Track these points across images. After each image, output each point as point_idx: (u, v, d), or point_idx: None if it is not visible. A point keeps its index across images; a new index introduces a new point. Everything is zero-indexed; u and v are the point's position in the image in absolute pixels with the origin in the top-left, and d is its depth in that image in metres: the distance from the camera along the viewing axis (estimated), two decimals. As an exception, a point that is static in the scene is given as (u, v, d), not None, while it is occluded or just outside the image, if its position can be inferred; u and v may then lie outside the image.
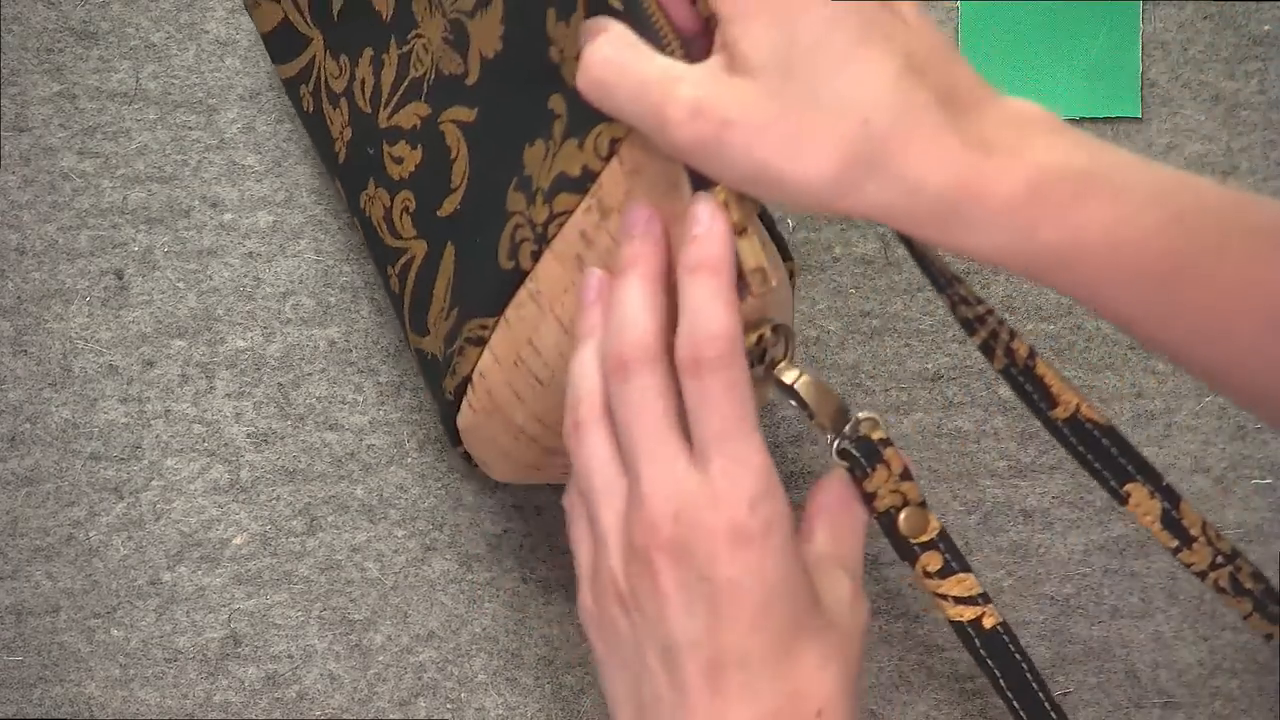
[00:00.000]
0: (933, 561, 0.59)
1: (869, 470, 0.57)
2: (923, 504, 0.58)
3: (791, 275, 0.65)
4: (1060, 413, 0.62)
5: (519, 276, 0.64)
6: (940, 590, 0.59)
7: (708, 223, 0.56)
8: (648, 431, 0.55)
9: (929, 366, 0.76)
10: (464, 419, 0.67)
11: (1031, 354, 0.63)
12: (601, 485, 0.56)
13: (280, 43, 0.75)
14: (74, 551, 0.72)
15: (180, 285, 0.77)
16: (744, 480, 0.53)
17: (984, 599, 0.59)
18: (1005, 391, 0.75)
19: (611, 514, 0.56)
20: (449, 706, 0.70)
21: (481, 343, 0.65)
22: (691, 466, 0.54)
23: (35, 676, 0.70)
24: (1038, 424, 0.75)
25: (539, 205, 0.62)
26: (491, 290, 0.65)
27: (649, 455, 0.55)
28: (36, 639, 0.71)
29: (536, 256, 0.63)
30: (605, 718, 0.70)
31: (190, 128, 0.80)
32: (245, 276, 0.77)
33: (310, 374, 0.76)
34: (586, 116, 0.61)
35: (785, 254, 0.64)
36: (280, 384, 0.75)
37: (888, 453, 0.57)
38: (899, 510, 0.58)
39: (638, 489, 0.55)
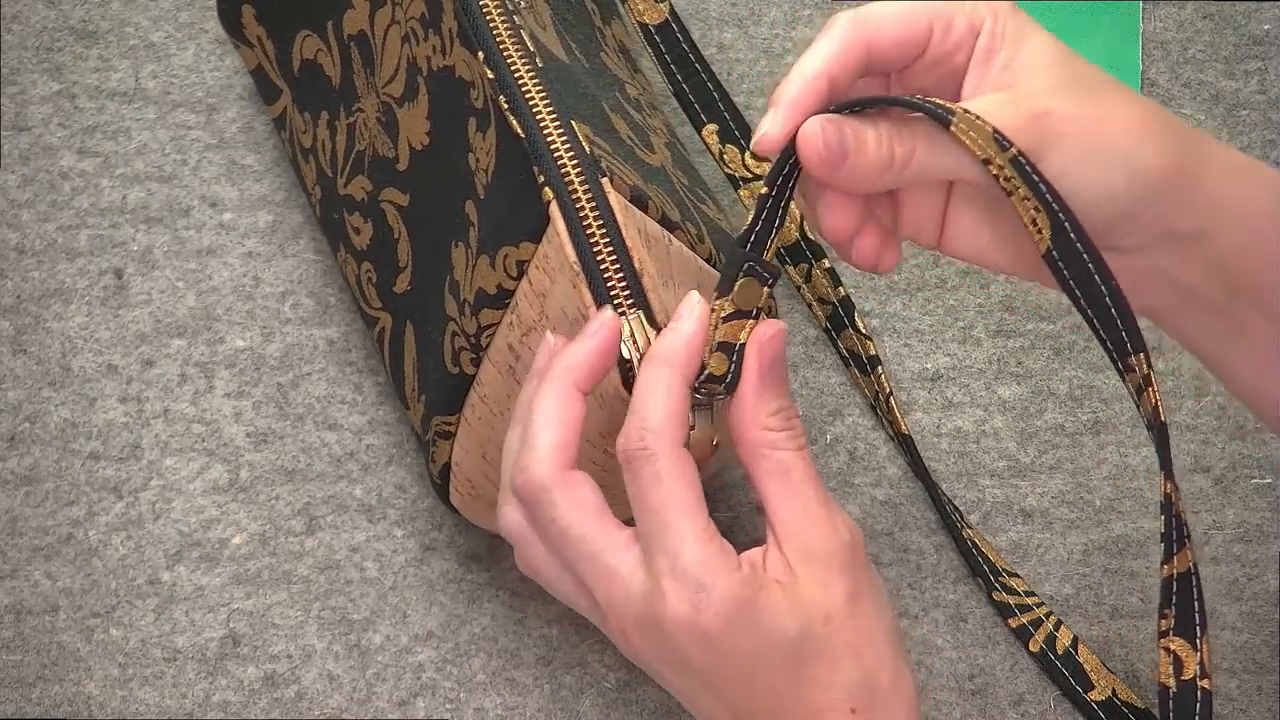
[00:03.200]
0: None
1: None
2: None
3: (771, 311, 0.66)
4: (1096, 695, 0.69)
5: (466, 381, 0.64)
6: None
7: (683, 318, 0.56)
8: (580, 553, 0.56)
9: (929, 366, 0.76)
10: (454, 500, 0.68)
11: (1075, 642, 0.70)
12: (558, 592, 0.58)
13: (261, 84, 0.75)
14: (73, 551, 0.72)
15: (180, 285, 0.77)
16: (684, 579, 0.54)
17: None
18: (1005, 391, 0.75)
19: (589, 613, 0.58)
20: (448, 706, 0.70)
21: (449, 437, 0.66)
22: (639, 565, 0.55)
23: (34, 676, 0.70)
24: (1038, 424, 0.75)
25: (468, 317, 0.63)
26: (446, 389, 0.65)
27: (591, 573, 0.56)
28: (35, 638, 0.71)
29: (477, 364, 0.63)
30: (603, 718, 0.70)
31: (190, 127, 0.80)
32: (245, 276, 0.77)
33: (309, 374, 0.76)
34: (494, 233, 0.61)
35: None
36: (279, 384, 0.75)
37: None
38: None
39: (594, 597, 0.56)
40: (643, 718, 0.70)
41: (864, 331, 0.75)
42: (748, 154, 0.76)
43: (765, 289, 0.56)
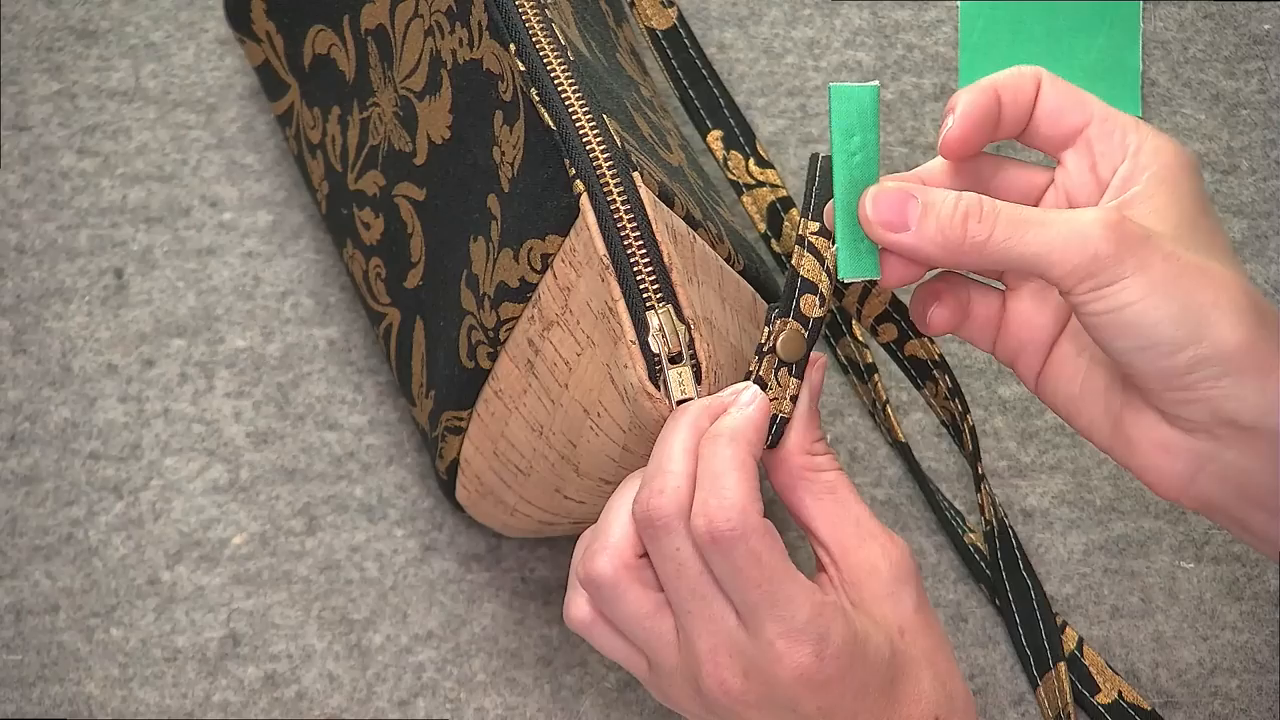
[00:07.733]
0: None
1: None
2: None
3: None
4: (1103, 698, 0.69)
5: (481, 375, 0.64)
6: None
7: (746, 400, 0.56)
8: (689, 593, 0.55)
9: (929, 366, 0.76)
10: (461, 496, 0.68)
11: (1080, 644, 0.70)
12: (645, 636, 0.57)
13: (266, 80, 0.75)
14: (73, 551, 0.72)
15: (180, 284, 0.77)
16: (803, 637, 0.54)
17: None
18: (1005, 391, 0.75)
19: (664, 656, 0.57)
20: (448, 706, 0.70)
21: (460, 432, 0.66)
22: (742, 627, 0.55)
23: (34, 676, 0.70)
24: (1038, 424, 0.75)
25: (487, 310, 0.62)
26: (459, 384, 0.65)
27: (699, 617, 0.55)
28: (36, 638, 0.71)
29: (493, 358, 0.63)
30: (603, 718, 0.70)
31: (190, 126, 0.80)
32: (245, 276, 0.77)
33: (309, 373, 0.76)
34: (518, 227, 0.61)
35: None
36: (279, 383, 0.75)
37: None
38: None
39: (693, 647, 0.56)
40: (643, 718, 0.70)
41: (861, 340, 0.75)
42: (751, 161, 0.76)
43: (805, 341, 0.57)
